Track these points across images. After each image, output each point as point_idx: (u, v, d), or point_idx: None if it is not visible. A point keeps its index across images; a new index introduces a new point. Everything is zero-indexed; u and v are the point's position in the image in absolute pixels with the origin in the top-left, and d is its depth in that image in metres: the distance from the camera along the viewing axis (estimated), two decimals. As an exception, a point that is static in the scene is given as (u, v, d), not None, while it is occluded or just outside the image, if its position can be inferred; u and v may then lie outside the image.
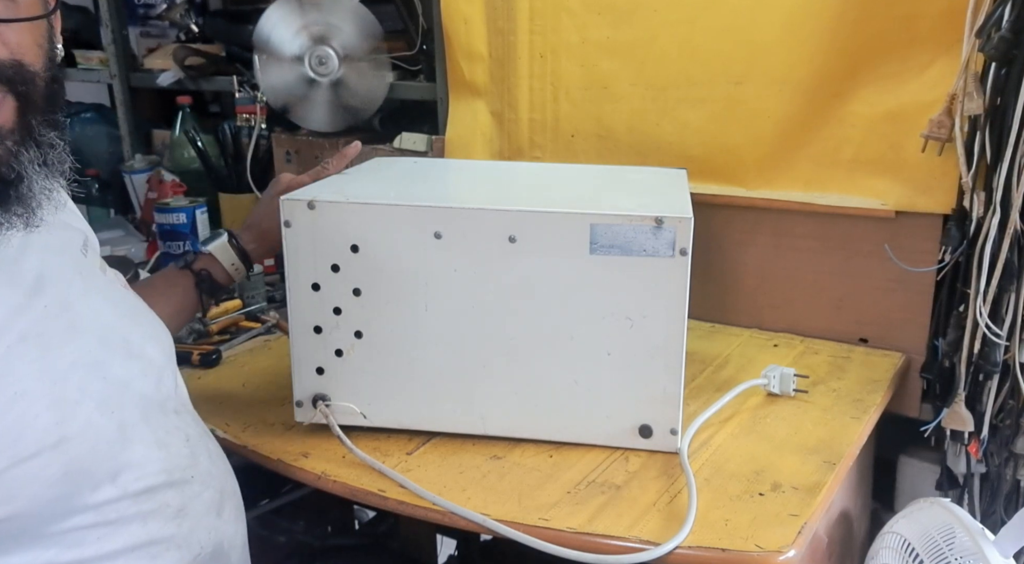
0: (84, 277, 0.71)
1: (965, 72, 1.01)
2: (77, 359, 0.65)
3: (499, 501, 0.85)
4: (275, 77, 1.54)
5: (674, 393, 0.91)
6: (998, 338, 1.03)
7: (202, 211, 1.45)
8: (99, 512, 0.64)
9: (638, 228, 0.86)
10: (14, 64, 0.57)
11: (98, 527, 0.64)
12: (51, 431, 0.60)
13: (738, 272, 1.29)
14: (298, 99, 1.55)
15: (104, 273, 0.77)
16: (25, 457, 0.58)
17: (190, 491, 0.73)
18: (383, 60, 1.50)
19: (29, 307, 0.63)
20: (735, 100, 1.21)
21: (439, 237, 0.89)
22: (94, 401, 0.65)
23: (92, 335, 0.68)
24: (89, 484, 0.63)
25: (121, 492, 0.66)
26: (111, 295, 0.74)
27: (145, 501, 0.68)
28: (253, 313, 1.36)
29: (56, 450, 0.60)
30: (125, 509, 0.66)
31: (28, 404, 0.59)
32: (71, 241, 0.73)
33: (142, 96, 1.94)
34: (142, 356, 0.73)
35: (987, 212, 1.02)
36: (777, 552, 0.76)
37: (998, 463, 1.09)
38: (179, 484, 0.72)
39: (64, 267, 0.69)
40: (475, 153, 1.43)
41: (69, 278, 0.69)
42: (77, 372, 0.64)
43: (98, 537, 0.64)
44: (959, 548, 0.84)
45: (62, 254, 0.70)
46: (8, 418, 0.58)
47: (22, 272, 0.64)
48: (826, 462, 0.91)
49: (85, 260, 0.74)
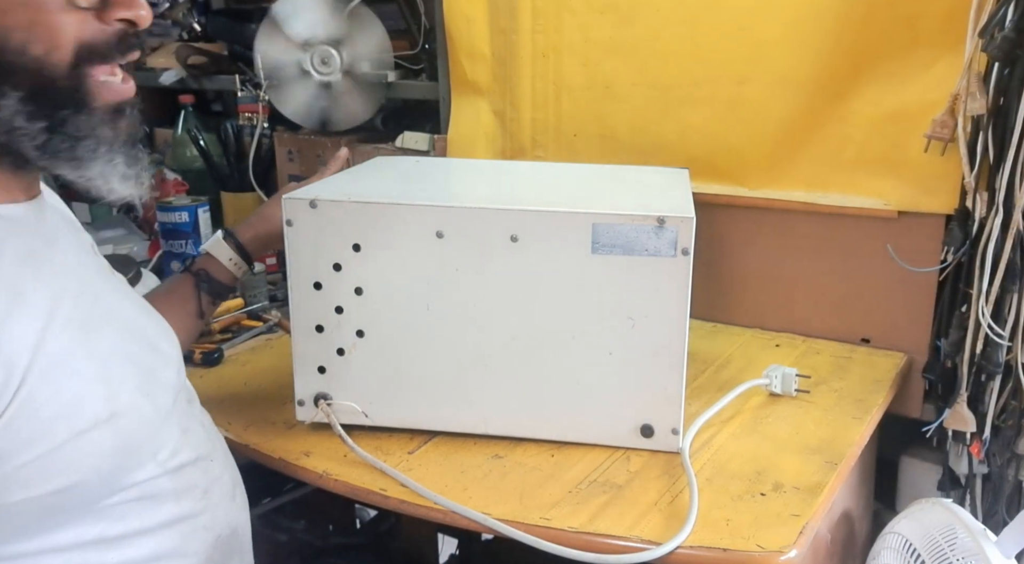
0: (102, 274, 0.76)
1: (968, 72, 1.01)
2: (113, 344, 0.69)
3: (500, 500, 0.85)
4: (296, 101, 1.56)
5: (676, 393, 0.91)
6: (1000, 338, 1.03)
7: (204, 210, 1.45)
8: (142, 488, 0.69)
9: (640, 228, 0.86)
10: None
11: (142, 501, 0.68)
12: (104, 407, 0.65)
13: (740, 272, 1.29)
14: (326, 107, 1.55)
15: (112, 273, 0.80)
16: (84, 430, 0.63)
17: (212, 473, 0.78)
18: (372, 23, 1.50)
19: (71, 294, 0.66)
20: (737, 100, 1.20)
21: (441, 236, 0.89)
22: (132, 383, 0.69)
23: (119, 326, 0.72)
24: (136, 459, 0.68)
25: (161, 469, 0.70)
26: (125, 292, 0.78)
27: (179, 478, 0.72)
28: (255, 312, 1.36)
29: (109, 425, 0.65)
30: (164, 485, 0.71)
31: (84, 381, 0.64)
32: (83, 238, 0.78)
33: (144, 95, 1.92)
34: (159, 348, 0.77)
35: (990, 212, 1.02)
36: (779, 552, 0.76)
37: (1000, 464, 1.09)
38: (204, 464, 0.76)
39: (88, 263, 0.74)
40: (477, 152, 1.43)
41: (93, 273, 0.73)
42: (116, 356, 0.69)
43: (140, 512, 0.68)
44: (961, 549, 0.84)
45: (86, 253, 0.75)
46: (68, 393, 0.62)
47: (63, 262, 0.68)
48: (828, 462, 0.91)
49: (99, 259, 0.78)
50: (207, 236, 1.45)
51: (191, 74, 1.73)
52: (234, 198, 1.71)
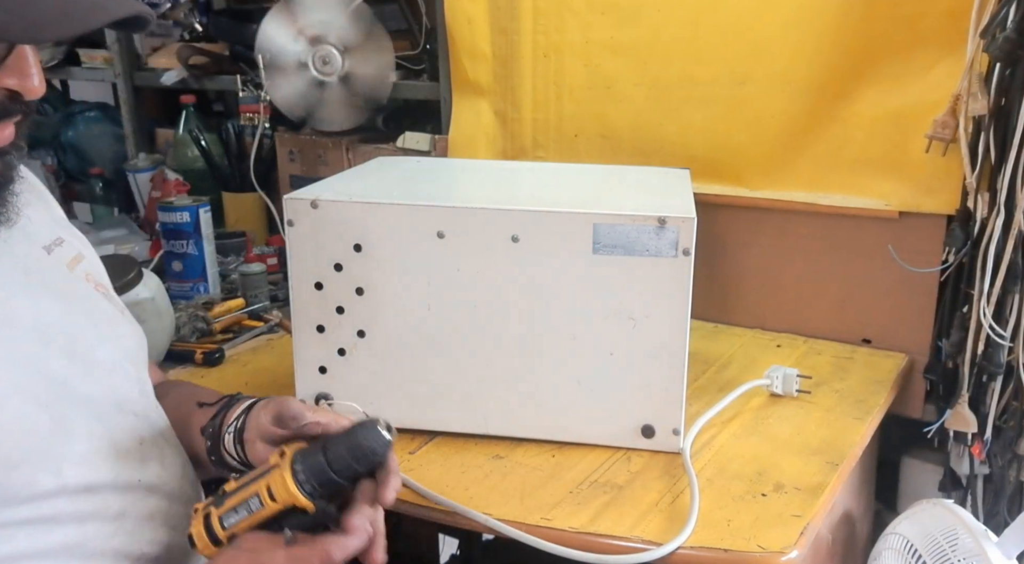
0: (31, 273, 0.72)
1: (969, 72, 1.01)
2: (9, 353, 0.66)
3: (501, 500, 0.85)
4: (287, 89, 1.55)
5: (677, 393, 0.91)
6: (1002, 339, 1.03)
7: (205, 210, 1.45)
8: (35, 506, 0.65)
9: (641, 228, 0.86)
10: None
11: (32, 524, 0.65)
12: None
13: (741, 272, 1.29)
14: (313, 105, 1.55)
15: (71, 271, 0.77)
16: None
17: (132, 496, 0.72)
18: (383, 42, 1.50)
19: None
20: (738, 100, 1.20)
21: (442, 236, 0.89)
22: (26, 394, 0.66)
23: (28, 330, 0.68)
24: (22, 475, 0.64)
25: (60, 486, 0.66)
26: (67, 295, 0.75)
27: (84, 500, 0.68)
28: (256, 312, 1.36)
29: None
30: (63, 507, 0.67)
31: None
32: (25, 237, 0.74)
33: (146, 95, 1.94)
34: (88, 357, 0.73)
35: (991, 213, 1.02)
36: (779, 552, 0.76)
37: (1001, 464, 1.09)
38: (123, 488, 0.71)
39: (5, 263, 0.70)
40: (478, 153, 1.43)
41: (6, 273, 0.70)
42: (8, 366, 0.65)
43: (31, 533, 0.65)
44: (962, 549, 0.84)
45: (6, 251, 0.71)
46: None
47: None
48: (829, 463, 0.91)
49: (46, 258, 0.75)
50: (208, 236, 1.45)
51: (192, 74, 1.74)
52: (235, 198, 1.72)
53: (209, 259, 1.45)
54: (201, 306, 1.31)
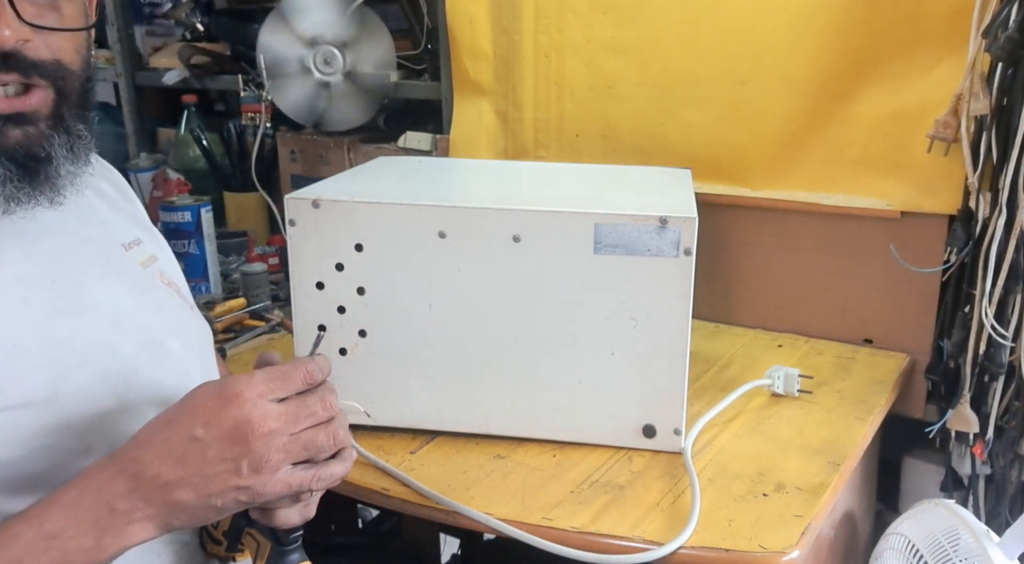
0: (110, 265, 0.76)
1: (971, 72, 1.00)
2: (81, 331, 0.69)
3: (502, 500, 0.85)
4: (293, 95, 1.55)
5: (678, 393, 0.91)
6: (1003, 339, 1.03)
7: (207, 210, 1.45)
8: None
9: (642, 228, 0.86)
10: (54, 62, 0.66)
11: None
12: (43, 387, 0.65)
13: (742, 272, 1.28)
14: (322, 107, 1.55)
15: (145, 269, 0.81)
16: (14, 405, 0.63)
17: None
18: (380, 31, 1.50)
19: (38, 277, 0.68)
20: (740, 100, 1.20)
21: (443, 236, 0.89)
22: (95, 370, 0.68)
23: (103, 315, 0.72)
24: (77, 445, 0.66)
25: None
26: (140, 288, 0.78)
27: None
28: (257, 311, 1.36)
29: (48, 405, 0.64)
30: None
31: (23, 358, 0.64)
32: (109, 234, 0.79)
33: (147, 95, 1.94)
34: (159, 346, 0.76)
35: (993, 213, 1.02)
36: (781, 553, 0.76)
37: (1003, 465, 1.08)
38: None
39: (85, 251, 0.74)
40: (479, 152, 1.43)
41: (88, 262, 0.74)
42: (78, 342, 0.68)
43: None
44: (963, 550, 0.84)
45: (89, 241, 0.75)
46: (2, 366, 0.63)
47: (39, 249, 0.70)
48: (830, 463, 0.91)
49: (124, 254, 0.79)
50: (209, 236, 1.45)
51: (194, 74, 1.74)
52: (236, 198, 1.72)
53: (210, 259, 1.46)
54: (203, 305, 1.31)
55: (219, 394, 0.59)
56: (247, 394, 0.59)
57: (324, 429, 0.62)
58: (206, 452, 0.58)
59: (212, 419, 0.58)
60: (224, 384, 0.60)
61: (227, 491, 0.59)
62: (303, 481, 0.61)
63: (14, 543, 0.56)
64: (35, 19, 0.64)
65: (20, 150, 0.66)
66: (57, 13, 0.67)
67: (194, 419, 0.59)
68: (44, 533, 0.57)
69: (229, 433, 0.58)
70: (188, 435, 0.58)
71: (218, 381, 0.62)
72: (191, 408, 0.60)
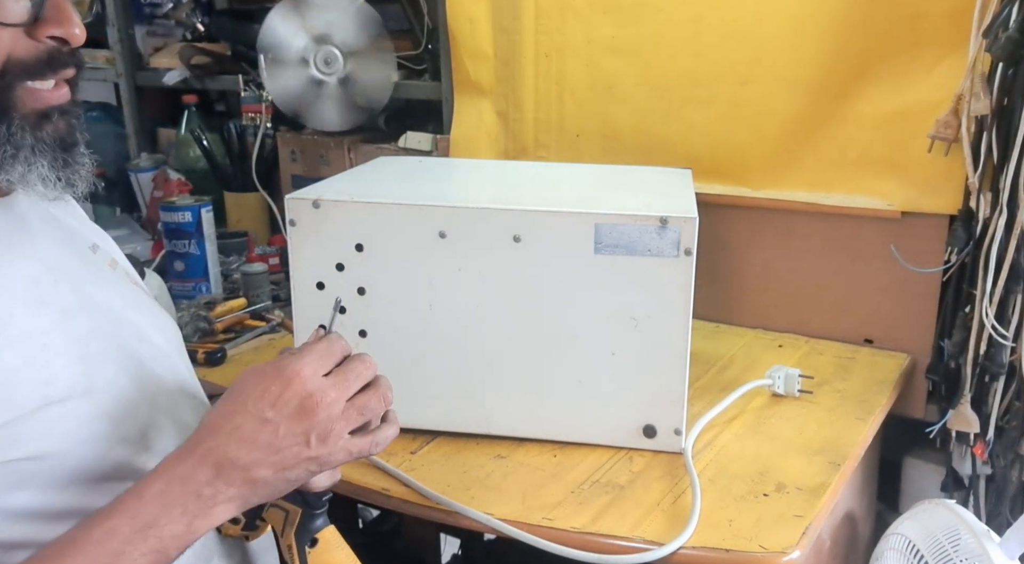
0: (90, 267, 0.77)
1: (972, 72, 1.00)
2: (94, 328, 0.70)
3: (503, 500, 0.85)
4: (284, 83, 1.55)
5: (678, 393, 0.91)
6: (1004, 339, 1.03)
7: (207, 210, 1.45)
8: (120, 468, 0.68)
9: (643, 228, 0.86)
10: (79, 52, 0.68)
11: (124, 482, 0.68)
12: (81, 380, 0.66)
13: (743, 272, 1.28)
14: (309, 102, 1.55)
15: (113, 270, 0.81)
16: (59, 399, 0.64)
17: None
18: (387, 53, 1.50)
19: (45, 278, 0.69)
20: (740, 100, 1.20)
21: (444, 236, 0.89)
22: (116, 364, 0.70)
23: (103, 314, 0.73)
24: (117, 432, 0.68)
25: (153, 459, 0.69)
26: (116, 288, 0.79)
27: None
28: (258, 312, 1.36)
29: (86, 397, 0.66)
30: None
31: (55, 355, 0.66)
32: (78, 239, 0.79)
33: (148, 95, 1.94)
34: (150, 342, 0.77)
35: (993, 213, 1.02)
36: (781, 553, 0.76)
37: (1004, 465, 1.08)
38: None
39: (70, 255, 0.75)
40: (480, 153, 1.43)
41: (75, 265, 0.75)
42: (94, 338, 0.70)
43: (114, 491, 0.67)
44: (964, 550, 0.84)
45: (70, 246, 0.76)
46: (40, 364, 0.64)
47: (39, 251, 0.71)
48: (831, 463, 0.91)
49: (94, 257, 0.80)
50: (210, 236, 1.45)
51: (194, 74, 1.74)
52: (237, 198, 1.72)
53: (211, 259, 1.46)
54: (203, 306, 1.31)
55: (280, 376, 0.63)
56: (304, 372, 0.63)
57: (374, 393, 0.66)
58: (278, 430, 0.62)
59: (278, 401, 0.63)
60: (281, 367, 0.64)
61: (300, 463, 0.63)
62: (362, 447, 0.66)
63: (112, 537, 0.59)
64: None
65: (67, 138, 0.68)
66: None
67: (261, 403, 0.63)
68: (140, 524, 0.60)
69: (296, 410, 0.63)
70: (259, 418, 0.62)
71: (272, 364, 0.65)
72: (255, 393, 0.63)
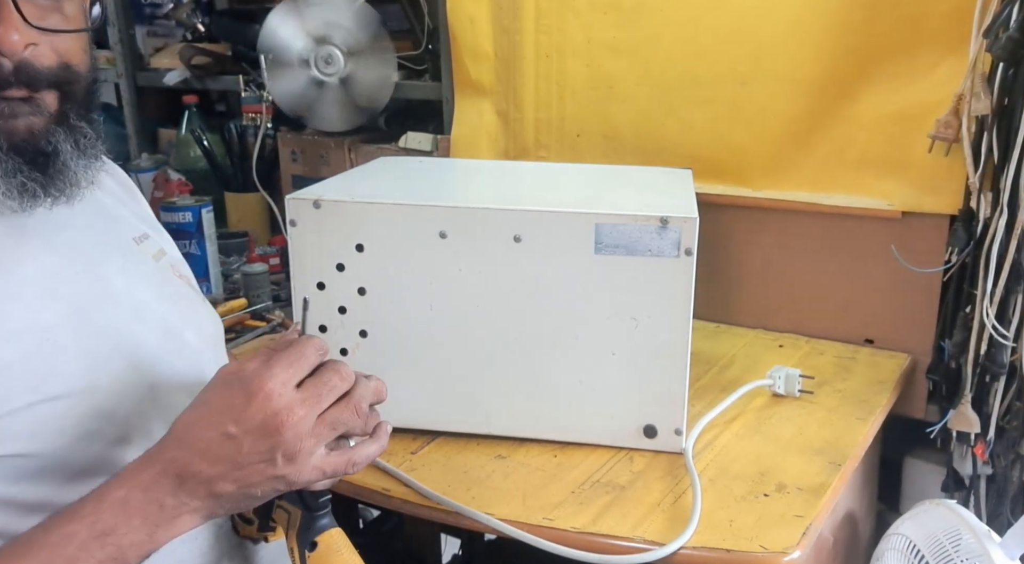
0: (127, 258, 0.77)
1: (972, 72, 1.00)
2: (110, 322, 0.70)
3: (503, 501, 0.85)
4: (285, 84, 1.55)
5: (679, 393, 0.90)
6: (1005, 339, 1.03)
7: (208, 210, 1.45)
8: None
9: (643, 228, 0.86)
10: (62, 67, 0.66)
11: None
12: (82, 378, 0.66)
13: (743, 272, 1.28)
14: (309, 102, 1.55)
15: (156, 262, 0.82)
16: (51, 396, 0.64)
17: None
18: (387, 52, 1.50)
19: (63, 270, 0.69)
20: (741, 100, 1.20)
21: (444, 236, 0.89)
22: (126, 360, 0.70)
23: (126, 307, 0.73)
24: (115, 432, 0.67)
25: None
26: (155, 281, 0.79)
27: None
28: (258, 312, 1.36)
29: (86, 395, 0.66)
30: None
31: (58, 350, 0.65)
32: (122, 228, 0.80)
33: (148, 95, 1.94)
34: (178, 338, 0.77)
35: (994, 213, 1.02)
36: (782, 553, 0.76)
37: (1004, 465, 1.08)
38: None
39: (103, 245, 0.75)
40: (480, 153, 1.43)
41: (107, 255, 0.75)
42: (109, 332, 0.70)
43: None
44: (965, 550, 0.84)
45: (104, 235, 0.76)
46: (38, 360, 0.64)
47: (60, 243, 0.71)
48: (831, 463, 0.91)
49: (136, 247, 0.80)
50: (210, 236, 1.45)
51: (195, 74, 1.74)
52: (238, 198, 1.72)
53: (211, 259, 1.46)
54: (203, 306, 1.31)
55: (245, 390, 0.60)
56: (269, 385, 0.60)
57: (346, 404, 0.63)
58: (241, 448, 0.60)
59: (241, 416, 0.60)
60: (247, 379, 0.61)
61: (265, 481, 0.61)
62: (336, 466, 0.62)
63: (69, 542, 0.58)
64: (40, 21, 0.63)
65: (28, 144, 0.65)
66: (60, 14, 0.65)
67: (224, 417, 0.60)
68: (98, 531, 0.58)
69: (259, 427, 0.60)
70: (222, 433, 0.60)
71: (240, 374, 0.61)
72: (220, 405, 0.61)
